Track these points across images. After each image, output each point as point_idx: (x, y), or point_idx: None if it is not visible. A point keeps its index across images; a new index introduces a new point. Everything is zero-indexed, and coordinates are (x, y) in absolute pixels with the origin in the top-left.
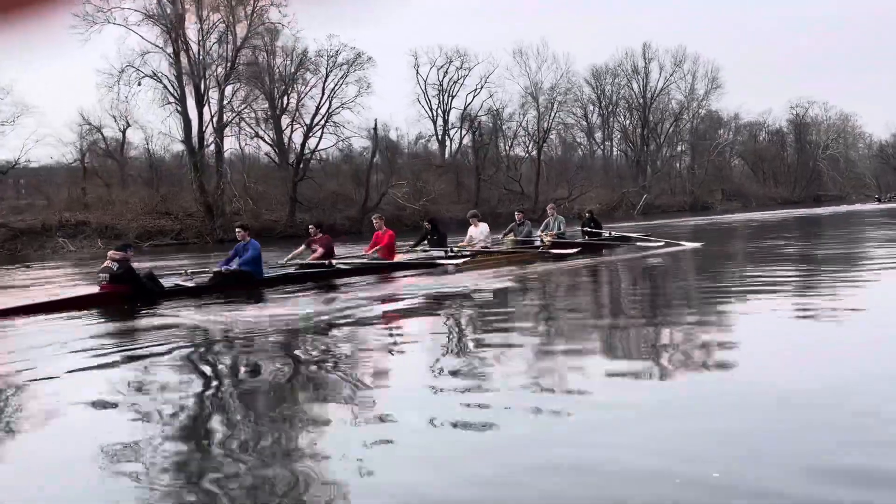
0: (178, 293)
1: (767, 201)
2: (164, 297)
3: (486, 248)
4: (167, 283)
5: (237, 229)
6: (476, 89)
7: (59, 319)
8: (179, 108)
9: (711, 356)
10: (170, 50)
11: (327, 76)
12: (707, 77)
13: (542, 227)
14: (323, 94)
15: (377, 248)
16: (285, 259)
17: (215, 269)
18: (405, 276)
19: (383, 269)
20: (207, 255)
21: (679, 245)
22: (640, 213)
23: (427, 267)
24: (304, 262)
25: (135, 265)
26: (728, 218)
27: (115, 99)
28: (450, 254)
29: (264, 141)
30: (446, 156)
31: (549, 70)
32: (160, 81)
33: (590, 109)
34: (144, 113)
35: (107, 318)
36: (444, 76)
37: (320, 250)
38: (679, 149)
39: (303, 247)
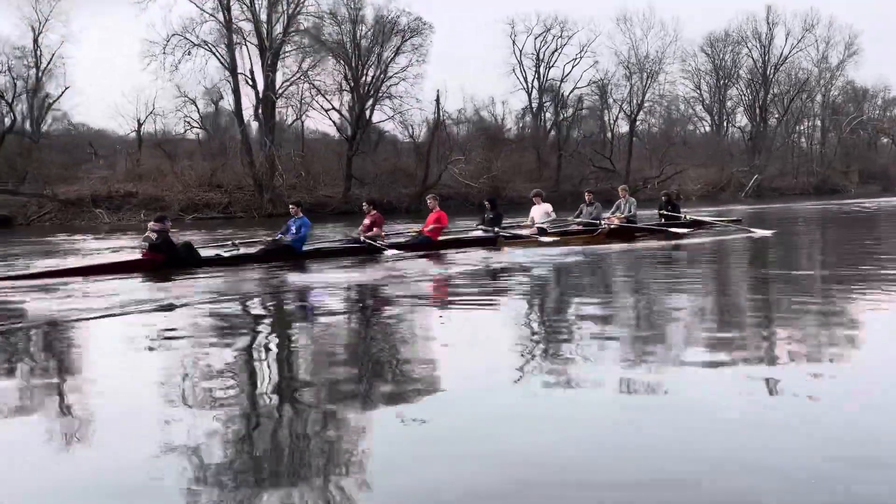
0: (214, 262)
1: None
2: (199, 266)
3: (542, 229)
4: (211, 252)
5: (291, 205)
6: (575, 59)
7: (104, 280)
8: (231, 79)
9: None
10: (221, 17)
11: (383, 45)
12: (843, 43)
13: (612, 210)
14: (379, 63)
15: (430, 226)
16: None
17: (273, 238)
18: (437, 255)
19: (418, 248)
20: (250, 230)
21: (750, 232)
22: (749, 195)
23: (465, 246)
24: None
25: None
26: (859, 203)
27: (160, 68)
28: (496, 233)
29: (320, 112)
30: (545, 130)
31: (656, 37)
32: (210, 51)
33: (703, 80)
34: (198, 83)
35: (143, 282)
36: (541, 45)
37: (366, 223)
38: (806, 124)
39: (366, 220)
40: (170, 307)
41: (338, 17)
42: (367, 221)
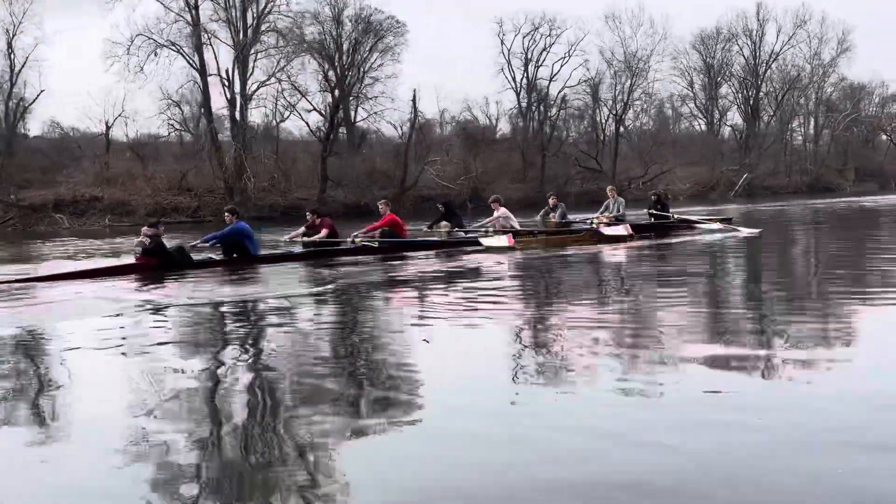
0: (206, 265)
1: None
2: (191, 268)
3: (524, 229)
4: (203, 256)
5: (225, 213)
6: (564, 57)
7: (99, 284)
8: (199, 80)
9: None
10: (188, 17)
11: (356, 43)
12: (836, 39)
13: (601, 210)
14: (352, 63)
15: (374, 228)
16: (288, 237)
17: (192, 244)
18: (434, 254)
19: (407, 248)
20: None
21: (736, 231)
22: (739, 194)
23: (457, 245)
24: (316, 240)
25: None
26: (850, 201)
27: (124, 69)
28: (480, 233)
29: (292, 112)
30: (533, 131)
31: (646, 35)
32: (178, 51)
33: (695, 78)
34: (165, 80)
35: (136, 285)
36: (530, 44)
37: (325, 231)
38: (799, 121)
39: (302, 229)
40: (161, 310)
41: (307, 17)
42: (324, 231)
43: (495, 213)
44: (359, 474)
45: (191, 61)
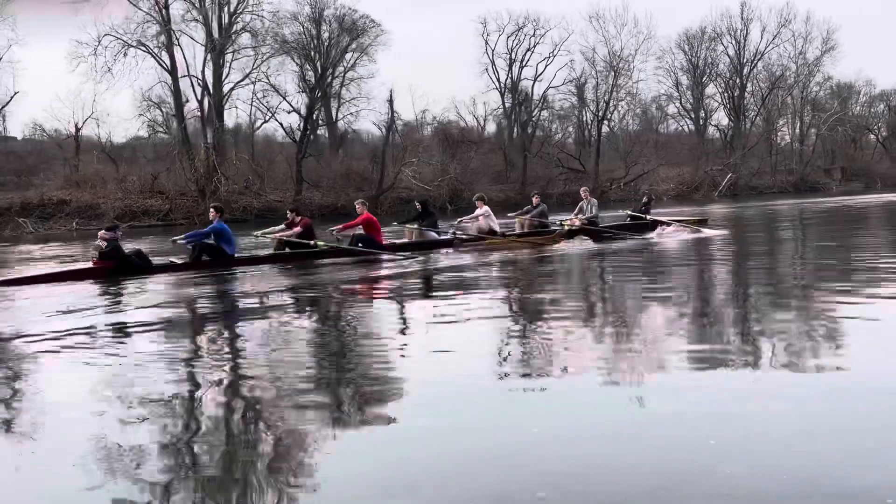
0: (165, 268)
1: None
2: (150, 272)
3: (493, 231)
4: (164, 259)
5: (211, 209)
6: (548, 58)
7: (57, 288)
8: (170, 81)
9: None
10: (158, 16)
11: (330, 43)
12: (820, 38)
13: (575, 211)
14: (327, 63)
15: (351, 225)
16: (261, 232)
17: (172, 239)
18: (392, 259)
19: (371, 252)
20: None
21: (699, 231)
22: (723, 194)
23: (419, 249)
24: (284, 238)
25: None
26: (836, 201)
27: (91, 69)
28: (446, 236)
29: (266, 114)
30: (514, 131)
31: (630, 35)
32: (148, 52)
33: (678, 78)
34: (134, 85)
35: (92, 289)
36: (514, 44)
37: (298, 229)
38: (784, 120)
39: (282, 226)
40: (116, 316)
41: (283, 17)
42: (298, 229)
43: (477, 211)
44: (336, 474)
45: (161, 62)
